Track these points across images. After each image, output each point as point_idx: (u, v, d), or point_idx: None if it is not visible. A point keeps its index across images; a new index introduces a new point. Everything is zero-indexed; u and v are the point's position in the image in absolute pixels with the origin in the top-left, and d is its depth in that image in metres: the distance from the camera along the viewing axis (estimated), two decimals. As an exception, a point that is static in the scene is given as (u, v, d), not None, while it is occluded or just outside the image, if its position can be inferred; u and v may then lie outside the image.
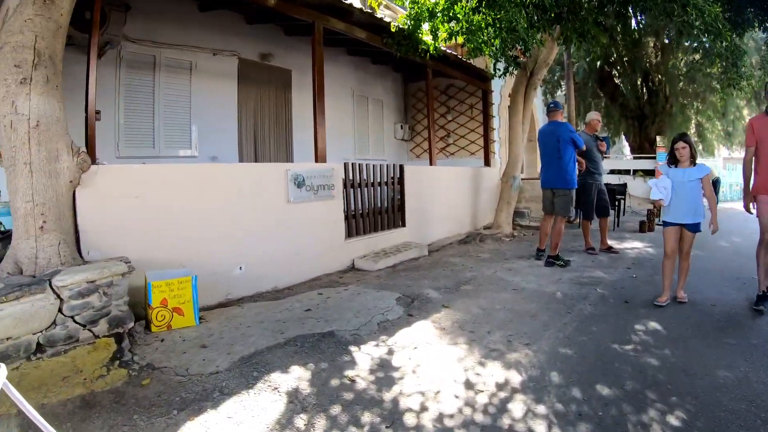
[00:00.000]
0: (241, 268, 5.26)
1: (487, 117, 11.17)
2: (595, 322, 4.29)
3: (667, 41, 18.89)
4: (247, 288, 5.33)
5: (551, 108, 7.18)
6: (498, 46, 7.46)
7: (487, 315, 4.46)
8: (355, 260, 6.64)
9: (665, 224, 5.06)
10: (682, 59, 19.30)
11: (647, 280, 5.90)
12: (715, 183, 19.57)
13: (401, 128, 12.22)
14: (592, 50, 12.21)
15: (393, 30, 7.64)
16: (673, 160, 4.96)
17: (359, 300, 4.85)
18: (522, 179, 10.68)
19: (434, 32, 7.65)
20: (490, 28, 7.10)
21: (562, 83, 19.02)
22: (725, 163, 25.93)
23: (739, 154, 27.94)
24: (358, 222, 6.88)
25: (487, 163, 11.12)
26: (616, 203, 10.90)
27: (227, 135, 8.00)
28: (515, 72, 9.17)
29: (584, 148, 7.16)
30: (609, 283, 5.70)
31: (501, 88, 12.18)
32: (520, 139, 9.44)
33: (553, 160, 6.94)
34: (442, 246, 8.24)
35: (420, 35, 7.75)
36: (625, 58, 19.25)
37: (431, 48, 7.82)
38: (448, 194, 9.01)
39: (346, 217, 6.65)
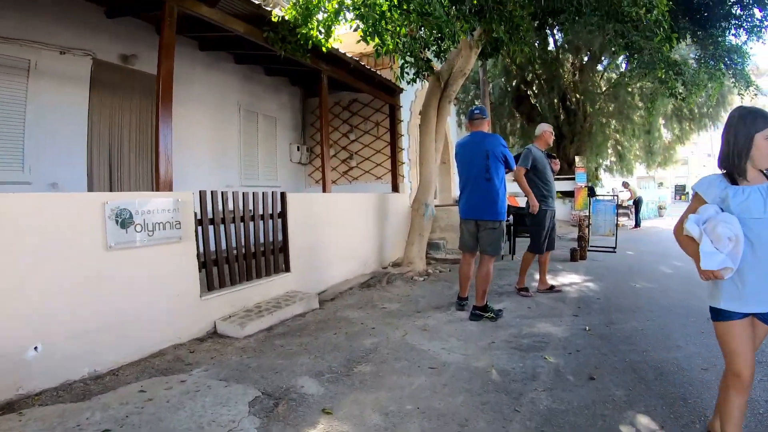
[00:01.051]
0: (36, 348, 3.60)
1: (394, 135, 10.01)
2: (558, 427, 3.01)
3: (586, 59, 18.89)
4: (50, 377, 3.66)
5: (475, 116, 5.82)
6: (407, 43, 6.32)
7: (392, 428, 3.02)
8: (218, 322, 5.03)
9: (722, 316, 2.49)
10: (602, 76, 19.37)
11: (604, 334, 4.85)
12: (638, 202, 19.72)
13: (298, 150, 10.82)
14: (515, 58, 11.58)
15: (275, 20, 6.30)
16: (734, 171, 2.46)
17: (192, 407, 3.25)
18: (436, 206, 9.56)
19: (327, 25, 6.38)
20: (395, 12, 5.88)
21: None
22: (639, 182, 26.52)
23: (660, 172, 28.83)
24: (222, 270, 5.30)
25: (395, 188, 9.91)
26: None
27: (73, 155, 6.44)
28: (427, 79, 8.12)
29: (515, 168, 6.02)
30: (559, 344, 4.55)
31: (411, 103, 11.13)
32: (432, 160, 8.29)
33: (479, 182, 5.59)
34: (339, 293, 6.80)
35: (309, 29, 6.42)
36: (542, 77, 19.03)
37: (323, 44, 6.56)
38: (347, 227, 7.63)
39: (204, 265, 5.06)
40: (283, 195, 6.23)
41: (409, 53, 6.68)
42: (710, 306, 2.60)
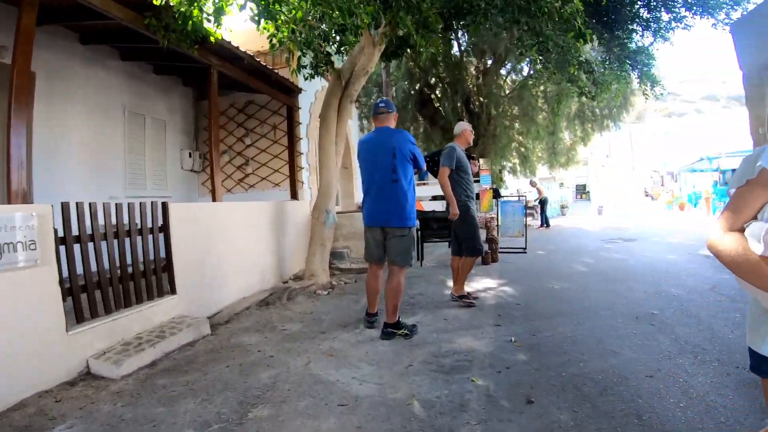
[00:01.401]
0: None
1: (292, 139, 9.48)
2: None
3: (491, 62, 19.25)
4: None
5: (380, 109, 5.31)
6: (305, 33, 5.84)
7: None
8: (91, 361, 4.27)
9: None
10: (506, 79, 19.83)
11: (533, 345, 4.60)
12: (543, 202, 20.40)
13: (190, 156, 9.99)
14: (420, 60, 11.44)
15: (158, 3, 5.61)
16: None
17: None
18: (338, 213, 9.13)
19: (217, 9, 5.75)
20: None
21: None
22: (541, 183, 27.65)
23: (561, 172, 30.10)
24: (93, 297, 4.53)
25: (294, 195, 9.38)
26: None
27: None
28: (327, 78, 7.69)
29: (425, 168, 5.68)
30: (486, 361, 4.21)
31: (311, 105, 10.63)
32: (333, 164, 7.84)
33: (385, 184, 5.05)
34: (235, 313, 6.18)
35: (194, 7, 5.75)
36: (446, 81, 19.17)
37: (211, 33, 5.94)
38: (242, 239, 7.00)
39: (71, 292, 4.31)
40: (164, 205, 5.50)
41: (306, 44, 6.19)
42: (755, 352, 1.73)
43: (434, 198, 12.50)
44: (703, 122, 57.72)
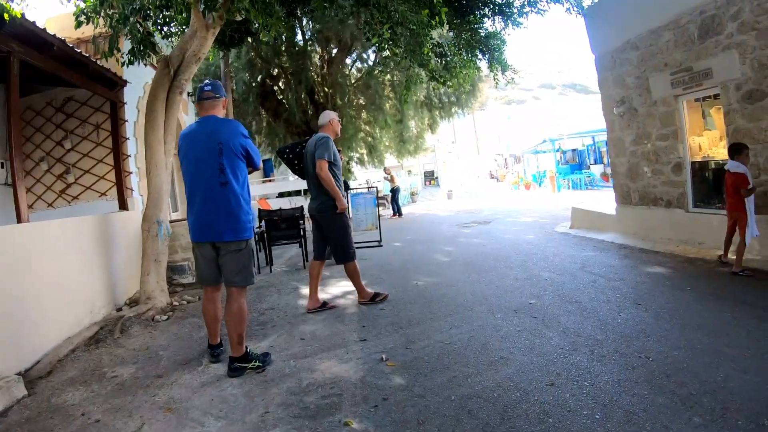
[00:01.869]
0: None
1: (117, 139, 8.22)
2: None
3: (336, 50, 18.77)
4: None
5: (205, 94, 4.32)
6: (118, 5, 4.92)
7: None
8: None
9: None
10: (352, 68, 19.48)
11: (409, 363, 4.09)
12: (395, 191, 20.40)
13: (2, 167, 8.39)
14: (261, 49, 10.71)
15: None
16: None
17: None
18: (174, 221, 8.16)
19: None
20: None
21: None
22: (391, 171, 27.92)
23: (409, 160, 30.43)
24: None
25: (123, 205, 8.13)
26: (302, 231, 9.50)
27: None
28: (152, 61, 6.72)
29: (260, 166, 5.03)
30: (358, 393, 3.60)
31: (138, 100, 9.43)
32: (162, 166, 6.83)
33: (211, 189, 4.12)
34: (58, 360, 4.93)
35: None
36: (290, 71, 18.41)
37: (7, 10, 4.84)
38: (59, 265, 5.69)
39: None
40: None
41: (120, 21, 5.23)
42: None
43: (281, 195, 11.83)
44: (541, 108, 62.22)
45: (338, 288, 7.15)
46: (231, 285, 4.25)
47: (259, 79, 18.88)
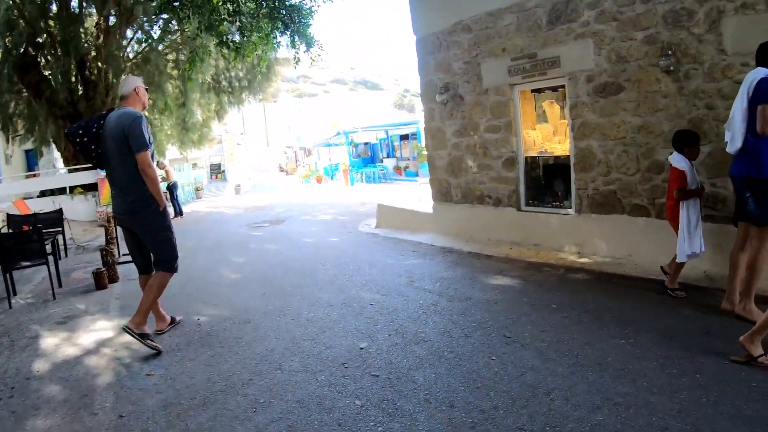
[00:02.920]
0: None
1: None
2: None
3: (115, 18, 15.27)
4: None
5: None
6: None
7: None
8: None
9: None
10: (133, 39, 16.05)
11: None
12: (172, 188, 17.28)
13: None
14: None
15: None
16: None
17: None
18: None
19: None
20: None
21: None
22: (172, 164, 24.48)
23: (195, 152, 27.09)
24: None
25: None
26: (55, 242, 7.00)
27: None
28: None
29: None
30: None
31: None
32: None
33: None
34: None
35: None
36: (58, 39, 14.60)
37: None
38: None
39: None
40: None
41: None
42: None
43: (43, 194, 8.89)
44: (333, 101, 61.83)
45: (93, 334, 4.96)
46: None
47: (21, 49, 14.67)
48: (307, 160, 41.68)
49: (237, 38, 8.83)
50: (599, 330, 4.09)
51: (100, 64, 15.35)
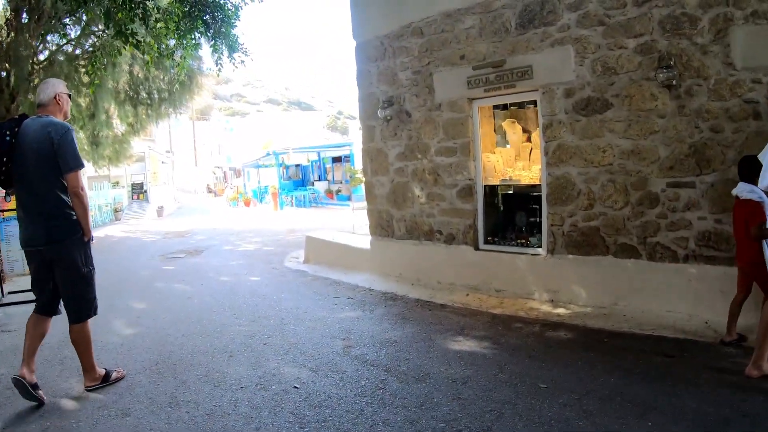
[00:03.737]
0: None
1: None
2: None
3: (27, 16, 13.00)
4: None
5: None
6: None
7: None
8: None
9: None
10: (43, 39, 13.77)
11: None
12: None
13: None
14: None
15: None
16: None
17: None
18: None
19: None
20: None
21: None
22: (91, 183, 21.92)
23: (115, 170, 24.41)
24: None
25: None
26: None
27: None
28: None
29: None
30: None
31: None
32: None
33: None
34: None
35: None
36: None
37: None
38: None
39: None
40: None
41: None
42: None
43: None
44: (266, 121, 59.62)
45: None
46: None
47: None
48: (236, 181, 39.38)
49: (144, 35, 7.23)
50: (615, 423, 2.86)
51: (8, 65, 13.06)
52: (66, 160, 3.51)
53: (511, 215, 6.05)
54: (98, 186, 22.17)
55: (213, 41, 8.60)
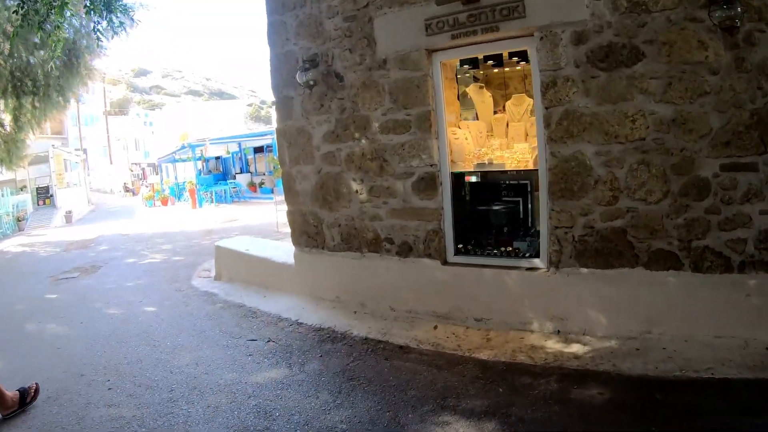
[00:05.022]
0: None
1: None
2: None
3: None
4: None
5: None
6: None
7: None
8: None
9: None
10: None
11: None
12: None
13: None
14: None
15: None
16: None
17: None
18: None
19: None
20: None
21: None
22: (-1, 187, 18.66)
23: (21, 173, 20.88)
24: None
25: None
26: None
27: None
28: None
29: None
30: None
31: None
32: None
33: None
34: None
35: None
36: None
37: None
38: None
39: None
40: None
41: None
42: None
43: None
44: (185, 112, 55.58)
45: None
46: None
47: None
48: (153, 178, 36.02)
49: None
50: None
51: None
52: None
53: (491, 214, 4.32)
54: (1, 192, 18.76)
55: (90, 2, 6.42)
